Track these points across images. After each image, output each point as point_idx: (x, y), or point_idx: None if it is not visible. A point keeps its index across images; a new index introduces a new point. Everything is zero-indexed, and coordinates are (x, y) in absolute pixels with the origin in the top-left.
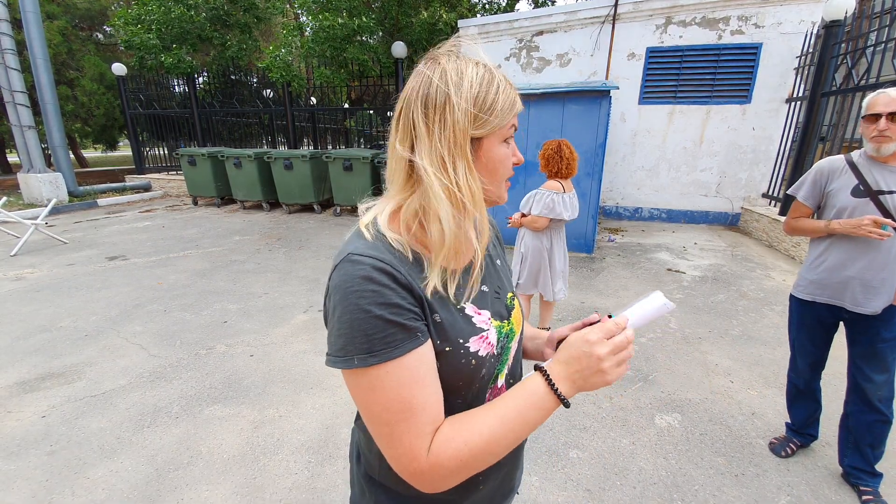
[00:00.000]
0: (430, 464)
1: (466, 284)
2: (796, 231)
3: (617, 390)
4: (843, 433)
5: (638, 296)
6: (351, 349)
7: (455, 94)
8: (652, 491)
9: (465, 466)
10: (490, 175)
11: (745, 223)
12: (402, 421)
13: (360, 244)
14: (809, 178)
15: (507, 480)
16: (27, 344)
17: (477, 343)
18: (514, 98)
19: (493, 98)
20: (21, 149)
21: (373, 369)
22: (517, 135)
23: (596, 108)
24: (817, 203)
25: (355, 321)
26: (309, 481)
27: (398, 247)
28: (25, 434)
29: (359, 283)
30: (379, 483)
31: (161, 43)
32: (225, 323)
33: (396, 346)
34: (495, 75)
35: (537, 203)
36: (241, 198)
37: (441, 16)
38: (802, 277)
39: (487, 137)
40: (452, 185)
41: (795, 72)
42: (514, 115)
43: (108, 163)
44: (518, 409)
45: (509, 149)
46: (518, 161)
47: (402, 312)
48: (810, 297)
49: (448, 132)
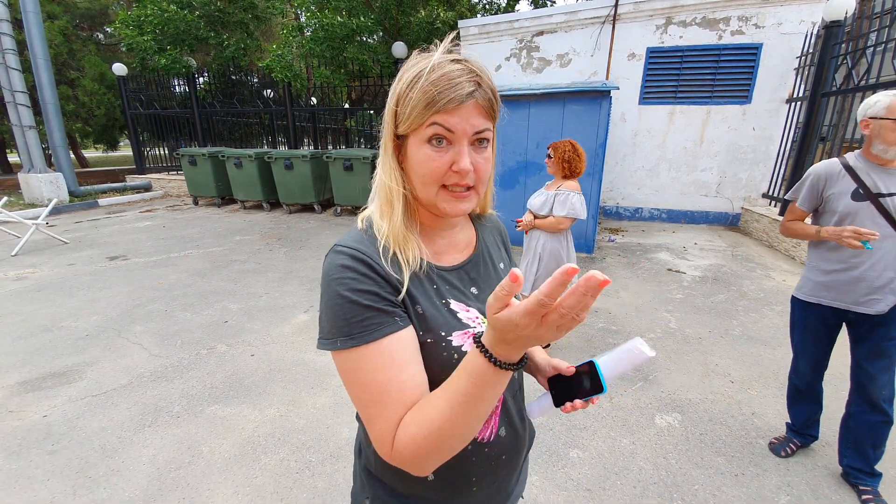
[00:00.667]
0: (395, 450)
1: (452, 281)
2: (790, 234)
3: (617, 390)
4: (844, 433)
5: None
6: (335, 332)
7: (391, 93)
8: (652, 490)
9: (423, 452)
10: (414, 176)
11: (745, 223)
12: (377, 403)
13: (347, 237)
14: (807, 182)
15: (505, 485)
16: (28, 344)
17: (460, 338)
18: (434, 96)
19: (408, 96)
20: (22, 149)
21: (353, 351)
22: (517, 135)
23: (596, 108)
24: (814, 207)
25: (336, 306)
26: (310, 480)
27: (382, 239)
28: (27, 433)
29: (339, 270)
30: (376, 477)
31: (157, 45)
32: (226, 323)
33: (374, 330)
34: (424, 73)
35: (561, 204)
36: (241, 198)
37: (439, 15)
38: (806, 279)
39: (410, 136)
40: (378, 178)
41: (795, 72)
42: (431, 114)
43: (108, 163)
44: (463, 388)
45: (441, 152)
46: (458, 170)
47: (378, 299)
48: (815, 299)
49: (384, 129)
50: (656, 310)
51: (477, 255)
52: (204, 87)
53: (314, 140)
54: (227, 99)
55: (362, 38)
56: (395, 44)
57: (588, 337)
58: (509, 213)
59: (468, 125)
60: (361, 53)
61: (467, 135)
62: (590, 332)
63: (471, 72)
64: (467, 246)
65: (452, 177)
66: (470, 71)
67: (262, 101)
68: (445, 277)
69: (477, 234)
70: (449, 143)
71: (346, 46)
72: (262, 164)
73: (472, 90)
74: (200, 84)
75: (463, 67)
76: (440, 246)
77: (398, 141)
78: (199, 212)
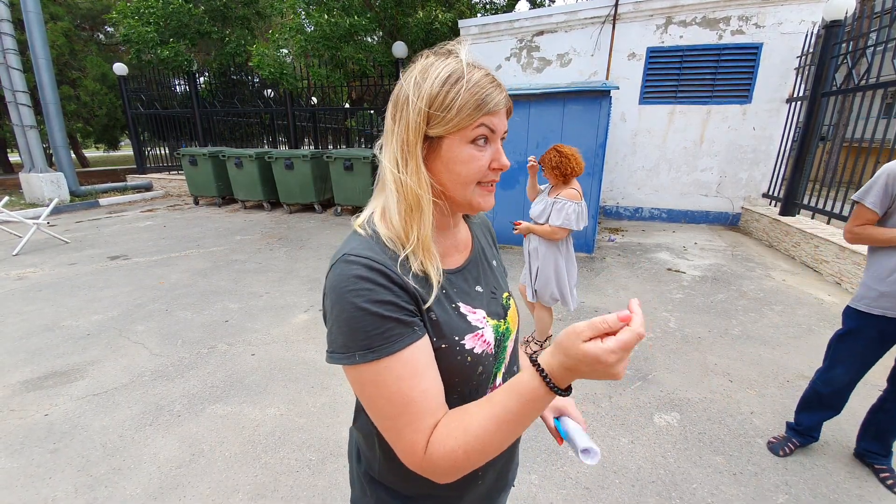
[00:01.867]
0: (427, 461)
1: (459, 284)
2: (862, 239)
3: (616, 389)
4: (870, 421)
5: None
6: (352, 346)
7: (413, 93)
8: (650, 489)
9: (460, 465)
10: (450, 176)
11: (745, 223)
12: (403, 415)
13: (355, 244)
14: (880, 181)
15: (503, 475)
16: (30, 343)
17: (472, 340)
18: (483, 98)
19: (452, 97)
20: (23, 148)
21: (373, 364)
22: (517, 135)
23: (596, 108)
24: (885, 209)
25: (353, 319)
26: (310, 479)
27: (391, 245)
28: (29, 432)
29: (353, 282)
30: (378, 482)
31: (159, 37)
32: (226, 322)
33: (395, 342)
34: (464, 75)
35: (557, 213)
36: (242, 197)
37: (437, 16)
38: (870, 289)
39: (448, 137)
40: (400, 183)
41: (796, 72)
42: (480, 116)
43: (109, 162)
44: (512, 407)
45: (483, 151)
46: (500, 167)
47: (398, 309)
48: (880, 310)
49: (402, 130)
50: (656, 309)
51: (475, 254)
52: (205, 86)
53: (315, 140)
54: (228, 99)
55: (359, 37)
56: (396, 44)
57: None
58: (509, 213)
59: (503, 126)
60: (358, 53)
61: (500, 134)
62: None
63: (494, 77)
64: (465, 246)
65: (490, 174)
66: (493, 76)
67: (263, 100)
68: (452, 280)
69: (472, 233)
70: (487, 142)
71: (342, 46)
72: (263, 164)
73: (505, 94)
74: (201, 83)
75: (487, 72)
76: (444, 247)
77: (427, 142)
78: (200, 211)
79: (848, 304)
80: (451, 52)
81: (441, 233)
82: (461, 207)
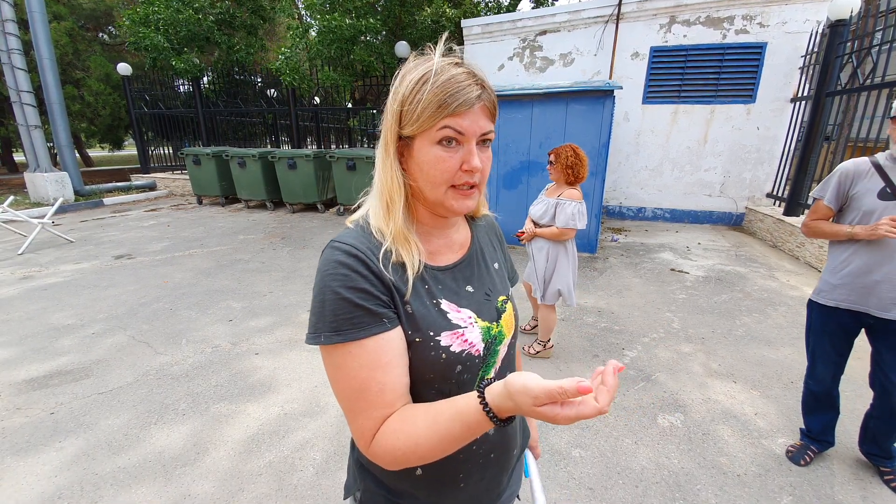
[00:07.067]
0: (372, 449)
1: (445, 281)
2: (815, 233)
3: (620, 390)
4: (864, 429)
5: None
6: (321, 326)
7: (392, 94)
8: (654, 490)
9: (400, 463)
10: (422, 176)
11: (749, 223)
12: (359, 400)
13: (344, 233)
14: (833, 179)
15: (495, 484)
16: (35, 342)
17: (449, 338)
18: (444, 100)
19: (418, 98)
20: (27, 148)
21: (338, 347)
22: (520, 134)
23: (599, 107)
24: (840, 205)
25: (326, 301)
26: (314, 478)
27: (378, 235)
28: (34, 430)
29: (333, 266)
30: (367, 470)
31: (170, 45)
32: (230, 321)
33: (361, 329)
34: (430, 76)
35: (563, 214)
36: (245, 197)
37: (444, 12)
38: (825, 282)
39: (417, 137)
40: (379, 179)
41: (800, 71)
42: (442, 117)
43: (113, 162)
44: (454, 430)
45: (452, 153)
46: (470, 169)
47: (369, 298)
48: (833, 302)
49: (384, 129)
50: (659, 310)
51: (470, 254)
52: (208, 86)
53: (317, 139)
54: (231, 99)
55: (367, 38)
56: (399, 43)
57: (590, 336)
58: (512, 212)
59: (477, 127)
60: (368, 55)
61: (475, 136)
62: (592, 331)
63: (474, 76)
64: (461, 246)
65: (462, 176)
66: (473, 75)
67: (266, 100)
68: (438, 277)
69: (472, 235)
70: (458, 143)
71: (352, 48)
72: (266, 164)
73: (479, 93)
74: (205, 84)
75: (466, 71)
76: (436, 246)
77: (402, 142)
78: (204, 211)
79: (809, 298)
80: (427, 53)
81: (433, 231)
82: (436, 208)
